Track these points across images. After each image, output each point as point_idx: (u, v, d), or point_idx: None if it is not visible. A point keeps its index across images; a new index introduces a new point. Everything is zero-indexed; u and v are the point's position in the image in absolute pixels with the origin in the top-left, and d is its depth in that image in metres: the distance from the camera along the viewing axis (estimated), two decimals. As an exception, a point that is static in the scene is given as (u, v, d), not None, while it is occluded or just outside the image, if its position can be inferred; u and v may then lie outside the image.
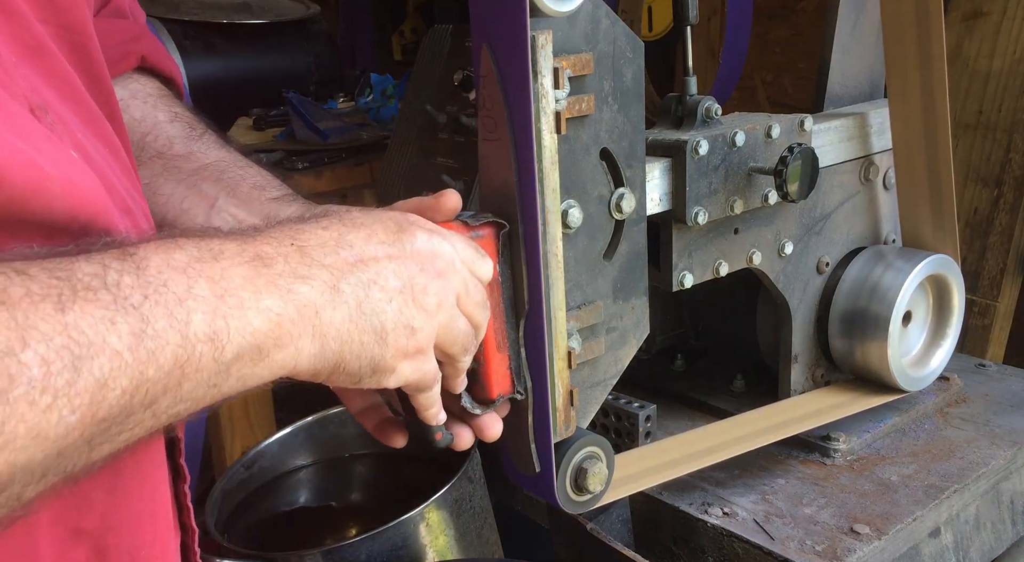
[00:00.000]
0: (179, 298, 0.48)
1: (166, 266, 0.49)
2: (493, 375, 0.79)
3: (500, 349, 0.79)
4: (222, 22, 2.45)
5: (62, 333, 0.43)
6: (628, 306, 0.90)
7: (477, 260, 0.71)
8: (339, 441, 1.33)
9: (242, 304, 0.52)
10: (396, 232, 0.64)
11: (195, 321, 0.49)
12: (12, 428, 0.40)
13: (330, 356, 0.58)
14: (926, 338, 1.19)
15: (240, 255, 0.54)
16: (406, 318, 0.62)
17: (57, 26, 0.61)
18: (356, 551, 1.02)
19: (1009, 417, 1.19)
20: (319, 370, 0.59)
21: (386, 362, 0.62)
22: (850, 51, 1.21)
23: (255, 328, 0.52)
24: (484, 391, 0.79)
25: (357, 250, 0.61)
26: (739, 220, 1.02)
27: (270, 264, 0.55)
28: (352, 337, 0.59)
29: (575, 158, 0.82)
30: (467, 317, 0.69)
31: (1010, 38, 1.58)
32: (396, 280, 0.62)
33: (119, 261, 0.47)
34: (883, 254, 1.14)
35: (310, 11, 2.69)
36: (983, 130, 1.61)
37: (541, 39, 0.74)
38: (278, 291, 0.54)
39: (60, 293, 0.44)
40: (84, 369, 0.43)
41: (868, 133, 1.15)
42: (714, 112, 0.99)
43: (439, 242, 0.67)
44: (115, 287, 0.46)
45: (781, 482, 1.08)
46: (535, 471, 0.84)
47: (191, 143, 0.85)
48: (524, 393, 0.81)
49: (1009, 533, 1.14)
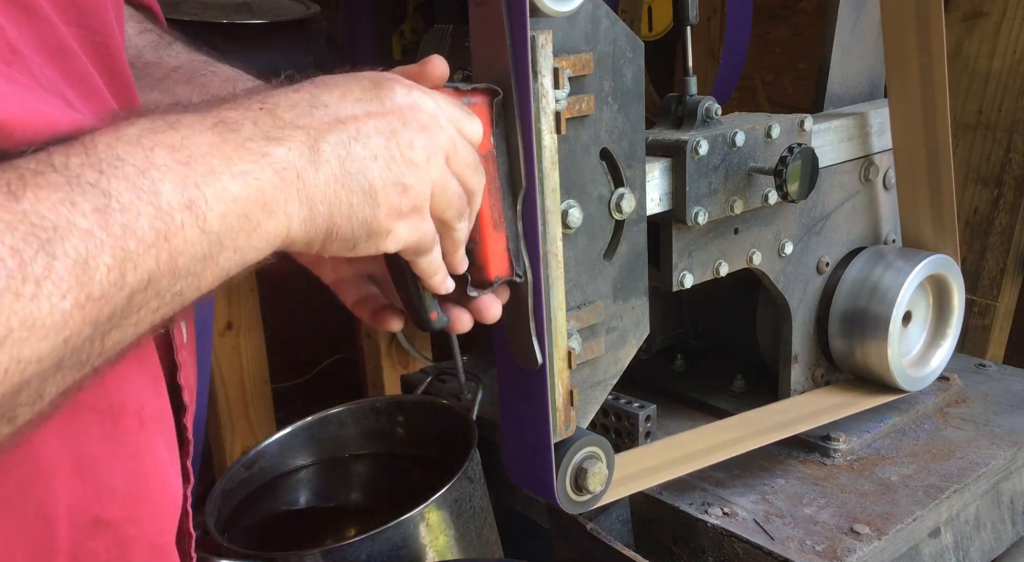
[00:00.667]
0: (139, 169, 0.46)
1: (116, 141, 0.47)
2: (490, 255, 0.74)
3: (497, 228, 0.74)
4: (222, 22, 2.45)
5: (23, 221, 0.41)
6: (628, 306, 0.90)
7: (463, 118, 0.67)
8: (339, 441, 1.33)
9: (213, 170, 0.49)
10: (373, 89, 0.61)
11: (165, 191, 0.47)
12: (5, 321, 0.40)
13: (320, 221, 0.56)
14: (926, 338, 1.19)
15: (201, 122, 0.51)
16: (395, 175, 0.59)
17: (80, 27, 0.61)
18: (356, 551, 1.02)
19: (1009, 417, 1.19)
20: (312, 237, 0.56)
21: (380, 223, 0.59)
22: (850, 51, 1.21)
23: (235, 194, 0.50)
24: (481, 273, 0.74)
25: (333, 109, 0.58)
26: (739, 220, 1.03)
27: (236, 129, 0.52)
28: (340, 198, 0.57)
29: (575, 158, 0.82)
30: (458, 178, 0.65)
31: (1010, 38, 1.58)
32: (378, 136, 0.59)
33: (63, 146, 0.46)
34: (883, 254, 1.14)
35: (310, 11, 2.68)
36: (983, 130, 1.61)
37: (541, 39, 0.74)
38: (251, 155, 0.52)
39: (8, 183, 0.42)
40: (58, 252, 0.42)
41: (868, 133, 1.15)
42: (714, 112, 0.99)
43: (420, 97, 0.63)
44: (64, 168, 0.44)
45: (781, 482, 1.08)
46: (537, 363, 0.80)
47: (160, 50, 0.83)
48: (523, 275, 0.76)
49: (1009, 533, 1.14)
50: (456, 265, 0.70)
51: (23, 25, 0.54)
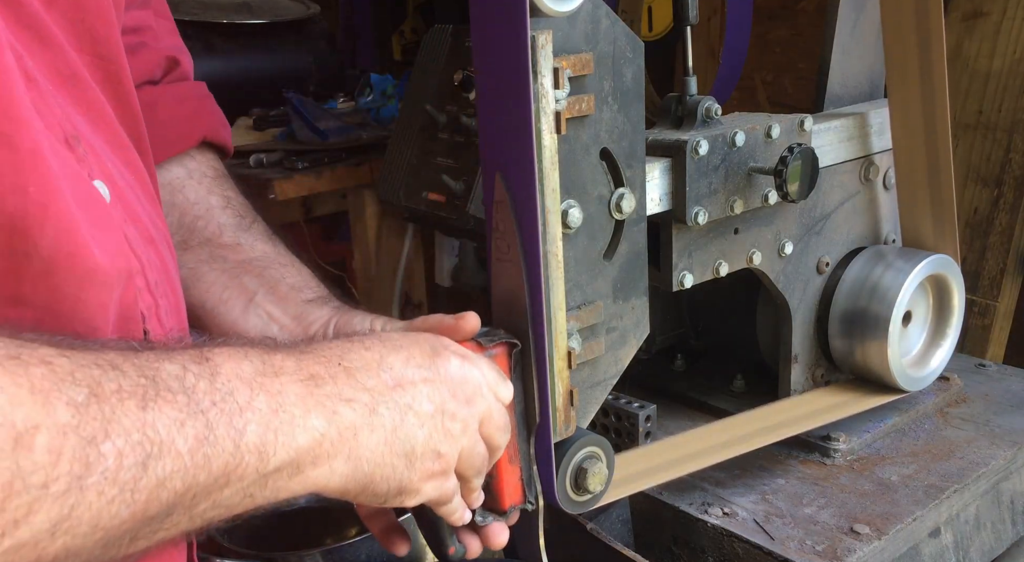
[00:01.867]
0: (240, 408, 0.51)
1: (235, 376, 0.52)
2: (505, 487, 0.81)
3: (512, 462, 0.81)
4: (222, 22, 2.45)
5: (140, 430, 0.45)
6: (628, 306, 0.90)
7: (500, 384, 0.74)
8: (339, 441, 1.33)
9: (292, 420, 0.54)
10: (432, 356, 0.67)
11: (249, 432, 0.51)
12: (79, 514, 0.42)
13: (361, 477, 0.61)
14: (926, 338, 1.19)
15: (297, 373, 0.57)
16: (434, 443, 0.65)
17: (92, 55, 0.63)
18: (356, 551, 1.02)
19: (1009, 417, 1.19)
20: (349, 489, 0.61)
21: (412, 484, 0.65)
22: (850, 51, 1.21)
23: (299, 444, 0.55)
24: (496, 502, 0.82)
25: (396, 373, 0.64)
26: (739, 220, 1.02)
27: (321, 384, 0.58)
28: (384, 460, 0.62)
29: (575, 158, 0.82)
30: (486, 440, 0.72)
31: (1010, 38, 1.58)
32: (429, 404, 0.65)
33: (197, 365, 0.51)
34: (883, 254, 1.14)
35: (310, 11, 2.69)
36: (983, 130, 1.61)
37: (541, 39, 0.74)
38: (324, 411, 0.57)
39: (145, 391, 0.46)
40: (151, 467, 0.45)
41: (868, 133, 1.15)
42: (714, 112, 0.99)
43: (470, 369, 0.70)
44: (191, 391, 0.49)
45: (781, 482, 1.08)
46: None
47: (240, 233, 0.89)
48: (534, 503, 0.83)
49: (1009, 533, 1.14)
50: (471, 504, 0.77)
51: (36, 53, 0.55)
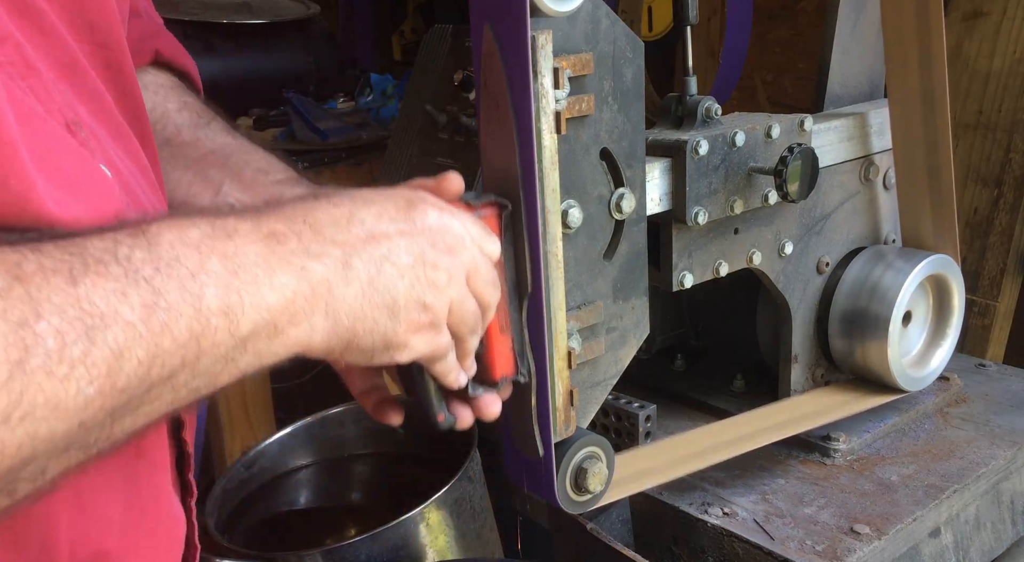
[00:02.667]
0: (191, 273, 0.49)
1: (179, 242, 0.50)
2: (496, 357, 0.78)
3: (503, 331, 0.78)
4: (222, 22, 2.45)
5: (75, 305, 0.43)
6: (628, 306, 0.90)
7: (486, 238, 0.71)
8: (339, 441, 1.33)
9: (256, 280, 0.52)
10: (406, 209, 0.65)
11: (208, 295, 0.49)
12: (31, 398, 0.41)
13: (343, 332, 0.59)
14: (926, 338, 1.19)
15: (254, 233, 0.55)
16: (418, 293, 0.63)
17: (92, 44, 0.62)
18: (356, 551, 1.02)
19: (1009, 417, 1.19)
20: (332, 346, 0.59)
21: (398, 337, 0.63)
22: (850, 51, 1.21)
23: (270, 304, 0.53)
24: (487, 373, 0.78)
25: (368, 226, 0.61)
26: (739, 220, 1.02)
27: (283, 241, 0.56)
28: (365, 313, 0.60)
29: (575, 158, 0.82)
30: (476, 296, 0.69)
31: (1010, 38, 1.58)
32: (407, 256, 0.62)
33: (131, 237, 0.48)
34: (883, 254, 1.14)
35: (310, 11, 2.69)
36: (983, 130, 1.61)
37: (541, 39, 0.74)
38: (292, 268, 0.55)
39: (71, 267, 0.44)
40: (98, 340, 0.44)
41: (868, 133, 1.15)
42: (714, 112, 0.99)
43: (449, 219, 0.67)
44: (126, 261, 0.47)
45: (781, 482, 1.08)
46: (539, 454, 0.83)
47: (198, 130, 0.86)
48: (527, 375, 0.80)
49: (1009, 533, 1.14)
50: (466, 369, 0.74)
51: (36, 42, 0.55)
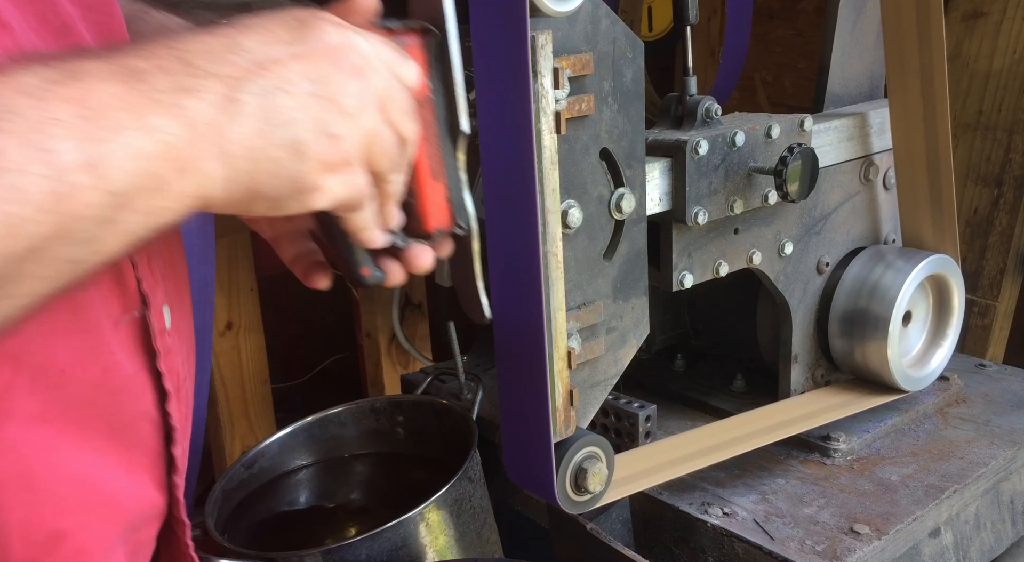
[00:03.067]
0: (33, 125, 0.42)
1: (11, 91, 0.42)
2: (429, 206, 0.69)
3: (435, 176, 0.69)
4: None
5: None
6: (628, 306, 0.90)
7: (399, 61, 0.61)
8: (339, 441, 1.33)
9: (119, 125, 0.45)
10: (299, 28, 0.55)
11: (62, 149, 0.42)
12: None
13: (243, 179, 0.51)
14: (926, 338, 1.19)
15: (108, 71, 0.46)
16: (324, 125, 0.54)
17: (83, 7, 0.58)
18: (356, 551, 1.02)
19: (1009, 417, 1.19)
20: (234, 197, 0.52)
21: (309, 178, 0.54)
22: (850, 51, 1.21)
23: (143, 151, 0.45)
24: (419, 224, 0.69)
25: (255, 54, 0.52)
26: (739, 220, 1.03)
27: (147, 79, 0.47)
28: (264, 154, 0.51)
29: (575, 158, 0.82)
30: (392, 127, 0.59)
31: (1010, 38, 1.58)
32: (306, 82, 0.53)
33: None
34: (883, 254, 1.14)
35: (310, 11, 2.69)
36: (983, 130, 1.61)
37: (541, 39, 0.74)
38: (162, 107, 0.47)
39: None
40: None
41: (868, 133, 1.15)
42: (714, 112, 0.99)
43: (352, 36, 0.57)
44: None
45: (781, 482, 1.08)
46: (486, 318, 0.76)
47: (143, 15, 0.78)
48: (466, 228, 0.71)
49: (1009, 533, 1.14)
50: (388, 219, 0.64)
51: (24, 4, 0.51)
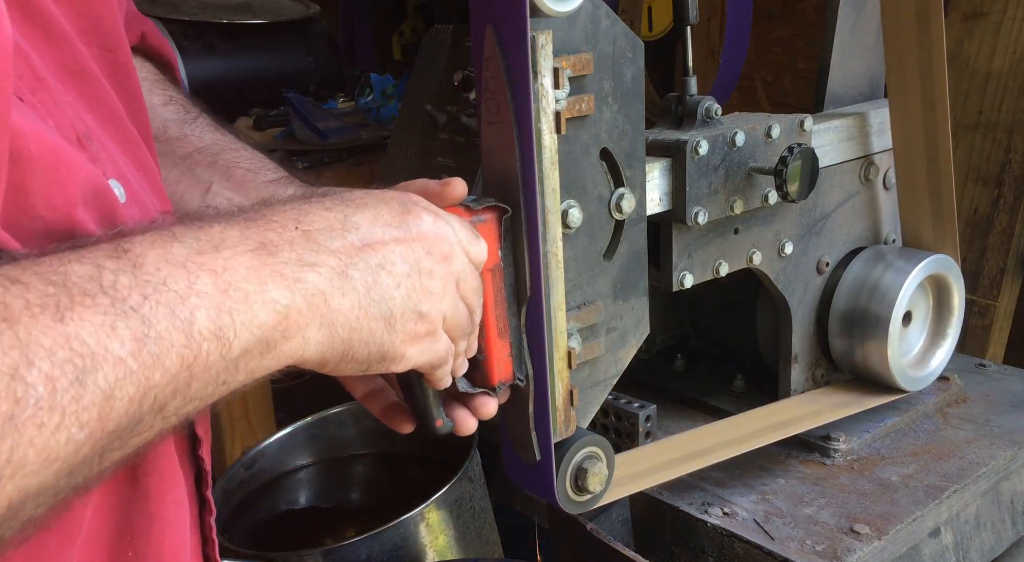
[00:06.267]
0: (180, 296, 0.46)
1: (164, 262, 0.47)
2: (495, 361, 0.78)
3: (501, 336, 0.78)
4: (222, 22, 2.45)
5: (65, 346, 0.40)
6: (628, 306, 0.90)
7: (474, 242, 0.69)
8: (339, 441, 1.33)
9: (247, 298, 0.49)
10: (401, 213, 0.62)
11: (199, 319, 0.46)
12: (22, 455, 0.38)
13: (338, 344, 0.57)
14: (926, 338, 1.19)
15: (243, 243, 0.51)
16: (414, 303, 0.61)
17: (100, 47, 0.60)
18: (356, 551, 1.02)
19: (1009, 417, 1.19)
20: (327, 358, 0.57)
21: (395, 348, 0.61)
22: (850, 51, 1.21)
23: (262, 322, 0.50)
24: (485, 378, 0.78)
25: (364, 233, 0.59)
26: (739, 220, 1.02)
27: (275, 252, 0.53)
28: (361, 324, 0.57)
29: (575, 158, 0.82)
30: (465, 302, 0.68)
31: (1010, 38, 1.58)
32: (404, 264, 0.60)
33: (113, 260, 0.45)
34: (883, 254, 1.14)
35: (310, 11, 2.68)
36: (983, 130, 1.61)
37: (541, 39, 0.74)
38: (285, 281, 0.52)
39: (58, 301, 0.41)
40: (89, 382, 0.41)
41: (868, 133, 1.15)
42: (714, 112, 0.99)
43: (443, 226, 0.65)
44: (112, 289, 0.43)
45: (781, 482, 1.08)
46: (536, 459, 0.83)
47: (185, 127, 0.84)
48: (525, 380, 0.80)
49: (1009, 533, 1.14)
50: (456, 371, 0.73)
51: (43, 49, 0.53)
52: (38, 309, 0.40)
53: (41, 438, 0.39)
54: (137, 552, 0.59)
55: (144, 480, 0.59)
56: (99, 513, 0.56)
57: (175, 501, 0.63)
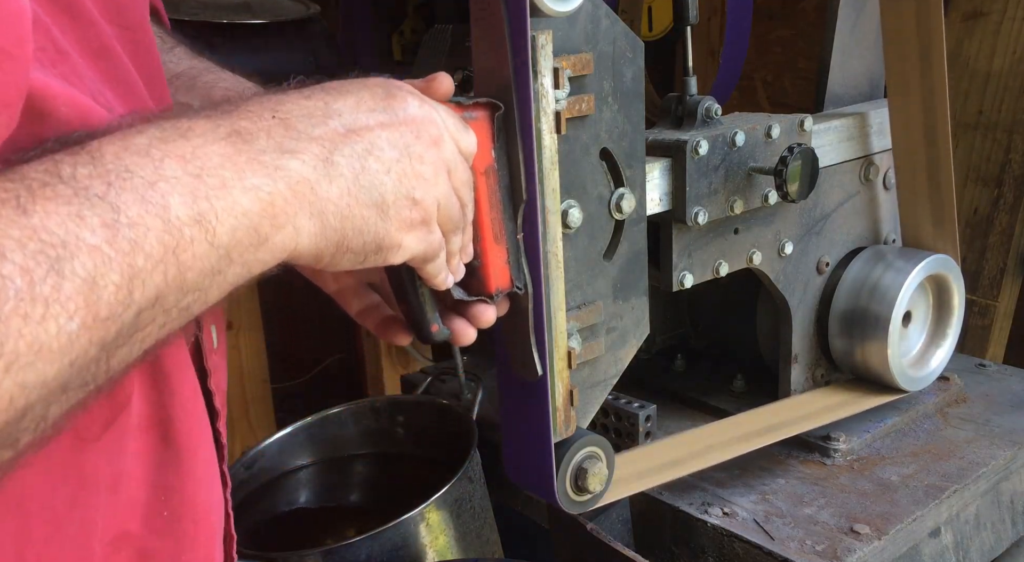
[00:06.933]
0: (148, 181, 0.45)
1: (124, 151, 0.45)
2: (491, 268, 0.75)
3: (497, 241, 0.75)
4: (222, 22, 2.45)
5: (33, 237, 0.40)
6: (628, 306, 0.90)
7: (462, 132, 0.67)
8: (339, 441, 1.33)
9: (225, 184, 0.48)
10: (386, 98, 0.60)
11: (174, 204, 0.45)
12: (12, 346, 0.38)
13: (331, 234, 0.55)
14: (926, 338, 1.19)
15: (214, 132, 0.50)
16: (406, 189, 0.59)
17: (120, 26, 0.60)
18: (356, 551, 1.02)
19: (1009, 417, 1.19)
20: (322, 250, 0.55)
21: (391, 236, 0.59)
22: (850, 51, 1.21)
23: (245, 208, 0.49)
24: (482, 285, 0.75)
25: (347, 119, 0.57)
26: (739, 220, 1.03)
27: (250, 140, 0.51)
28: (353, 212, 0.56)
29: (575, 158, 0.82)
30: (456, 193, 0.65)
31: (1010, 38, 1.58)
32: (392, 149, 0.58)
33: (71, 156, 0.44)
34: (883, 254, 1.14)
35: (310, 11, 2.68)
36: (983, 130, 1.61)
37: (541, 39, 0.74)
38: (264, 168, 0.50)
39: (18, 196, 0.40)
40: (67, 270, 0.40)
41: (868, 133, 1.15)
42: (714, 112, 0.99)
43: (430, 110, 0.63)
44: (71, 180, 0.42)
45: (781, 482, 1.08)
46: (537, 374, 0.80)
47: (162, 55, 0.81)
48: (523, 288, 0.77)
49: (1009, 533, 1.14)
50: (453, 271, 0.70)
51: (66, 26, 0.53)
52: None
53: (29, 329, 0.39)
54: (172, 512, 0.59)
55: (175, 440, 0.59)
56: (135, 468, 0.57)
57: (204, 459, 0.62)
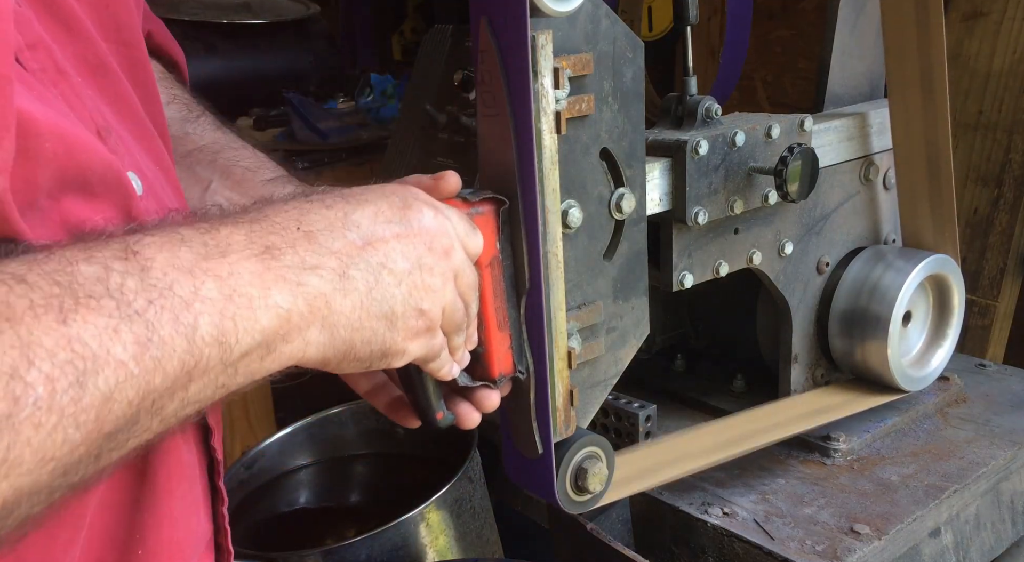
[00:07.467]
0: (185, 302, 0.46)
1: (171, 267, 0.47)
2: (495, 354, 0.78)
3: (501, 328, 0.78)
4: (222, 22, 2.45)
5: (66, 347, 0.41)
6: (628, 306, 0.90)
7: (471, 235, 0.70)
8: (339, 441, 1.33)
9: (251, 303, 0.50)
10: (402, 208, 0.62)
11: (202, 325, 0.47)
12: (18, 454, 0.39)
13: (340, 345, 0.57)
14: (926, 338, 1.19)
15: (248, 248, 0.52)
16: (415, 300, 0.61)
17: (118, 43, 0.61)
18: (356, 551, 1.02)
19: (1009, 417, 1.19)
20: (328, 358, 0.57)
21: (397, 345, 0.61)
22: (850, 51, 1.21)
23: (264, 326, 0.51)
24: (486, 370, 0.78)
25: (364, 230, 0.59)
26: (739, 220, 1.02)
27: (278, 256, 0.53)
28: (363, 324, 0.58)
29: (575, 158, 0.82)
30: (462, 297, 0.68)
31: (1010, 38, 1.58)
32: (404, 261, 0.61)
33: (121, 261, 0.45)
34: (883, 254, 1.14)
35: (310, 11, 2.69)
36: (983, 130, 1.61)
37: (541, 39, 0.74)
38: (287, 285, 0.52)
39: (62, 302, 0.41)
40: (89, 384, 0.41)
41: (868, 133, 1.15)
42: (714, 112, 0.99)
43: (443, 220, 0.65)
44: (118, 292, 0.44)
45: (781, 482, 1.08)
46: (538, 452, 0.83)
47: (187, 125, 0.84)
48: (525, 372, 0.80)
49: (1009, 533, 1.14)
50: (458, 362, 0.73)
51: (64, 43, 0.54)
52: (42, 310, 0.41)
53: (38, 438, 0.39)
54: (147, 549, 0.59)
55: (152, 476, 0.60)
56: (108, 509, 0.57)
57: (183, 496, 0.63)
